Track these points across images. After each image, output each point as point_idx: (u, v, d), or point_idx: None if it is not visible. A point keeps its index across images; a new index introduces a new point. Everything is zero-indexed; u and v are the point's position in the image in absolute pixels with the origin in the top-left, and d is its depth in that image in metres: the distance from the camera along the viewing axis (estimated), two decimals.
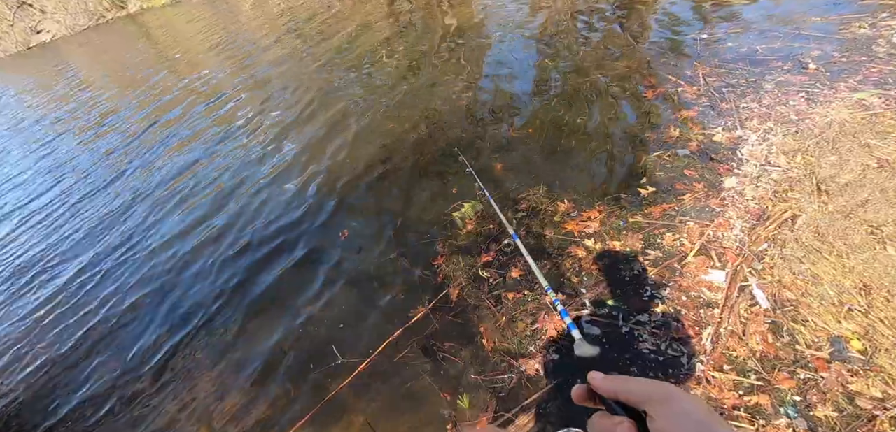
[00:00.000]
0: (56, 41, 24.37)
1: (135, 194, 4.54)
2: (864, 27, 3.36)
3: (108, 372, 2.63)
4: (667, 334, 1.82)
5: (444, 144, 3.60)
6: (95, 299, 3.25)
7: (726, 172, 2.44)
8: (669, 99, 3.25)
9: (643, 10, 5.11)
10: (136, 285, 3.24)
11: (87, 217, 4.44)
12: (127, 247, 3.72)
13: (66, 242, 4.12)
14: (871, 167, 2.18)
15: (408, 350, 2.13)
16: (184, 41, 12.72)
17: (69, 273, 3.66)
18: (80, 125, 7.61)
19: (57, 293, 3.47)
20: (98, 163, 5.69)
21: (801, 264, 1.88)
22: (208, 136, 5.34)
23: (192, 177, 4.48)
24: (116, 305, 3.11)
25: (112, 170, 5.31)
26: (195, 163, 4.76)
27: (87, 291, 3.37)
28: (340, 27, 8.25)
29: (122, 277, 3.37)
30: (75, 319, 3.12)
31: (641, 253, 2.17)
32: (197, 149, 5.09)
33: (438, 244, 2.64)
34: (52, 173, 5.91)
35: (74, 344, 2.91)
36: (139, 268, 3.40)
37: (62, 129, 7.71)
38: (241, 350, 2.46)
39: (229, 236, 3.39)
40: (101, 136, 6.66)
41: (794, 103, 2.78)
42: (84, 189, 5.09)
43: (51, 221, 4.62)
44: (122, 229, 4.00)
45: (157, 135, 5.95)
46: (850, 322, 1.66)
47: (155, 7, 25.35)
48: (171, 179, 4.59)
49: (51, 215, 4.75)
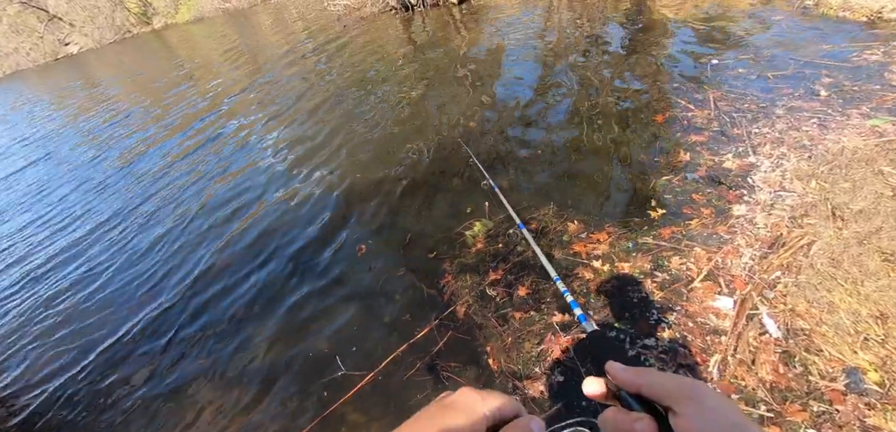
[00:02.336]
0: (83, 53, 25.39)
1: (147, 207, 4.66)
2: (875, 54, 3.35)
3: (107, 382, 2.65)
4: (673, 360, 1.79)
5: (455, 162, 3.63)
6: (95, 306, 3.31)
7: (736, 199, 2.42)
8: (680, 123, 3.26)
9: (653, 35, 5.15)
10: (141, 296, 3.28)
11: (93, 220, 4.55)
12: (132, 255, 3.80)
13: (66, 251, 4.23)
14: (885, 195, 2.14)
15: (412, 367, 2.12)
16: (202, 54, 13.16)
17: (68, 280, 3.75)
18: (93, 133, 7.86)
19: (57, 299, 3.55)
20: (121, 177, 5.86)
21: (816, 291, 1.84)
22: (221, 149, 5.47)
23: (204, 191, 4.58)
24: (118, 315, 3.16)
25: (133, 180, 5.46)
26: (206, 177, 4.87)
27: (89, 299, 3.43)
28: (355, 46, 8.47)
29: (126, 287, 3.43)
30: (74, 328, 3.17)
31: (649, 275, 2.15)
32: (209, 162, 5.21)
33: (447, 262, 2.65)
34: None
35: (77, 354, 2.94)
36: (147, 279, 3.46)
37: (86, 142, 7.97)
38: (243, 360, 2.48)
39: (240, 248, 3.44)
40: (115, 146, 6.87)
41: (806, 129, 2.77)
42: (98, 197, 5.24)
43: (59, 226, 4.75)
44: (129, 240, 4.09)
45: (172, 148, 6.11)
46: (867, 352, 1.61)
47: (178, 23, 26.32)
48: (184, 193, 4.70)
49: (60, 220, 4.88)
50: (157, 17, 27.52)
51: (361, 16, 11.13)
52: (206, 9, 25.44)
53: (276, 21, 15.59)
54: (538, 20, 7.08)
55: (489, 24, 7.57)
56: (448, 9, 9.65)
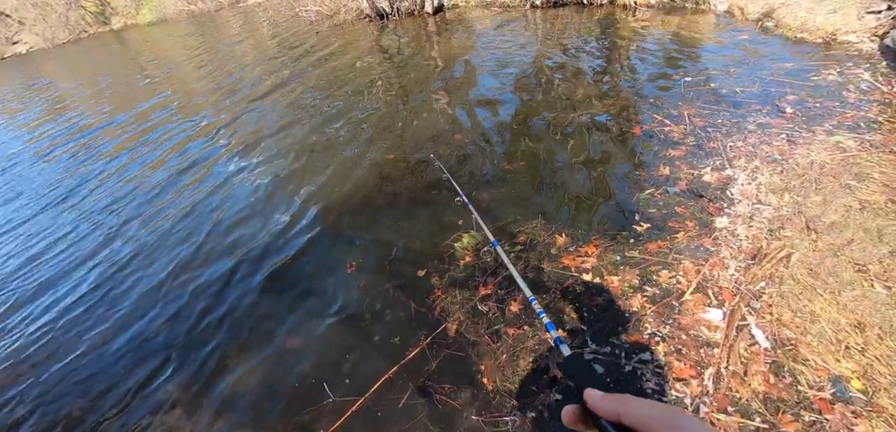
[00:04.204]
0: (33, 53, 23.71)
1: (123, 224, 4.34)
2: (832, 74, 3.58)
3: (82, 413, 2.41)
4: (669, 374, 1.80)
5: (436, 176, 3.59)
6: (70, 331, 3.02)
7: (717, 211, 2.50)
8: (657, 138, 3.35)
9: (626, 51, 5.33)
10: (117, 319, 3.01)
11: (68, 244, 4.19)
12: (106, 274, 3.51)
13: (37, 273, 3.87)
14: (853, 207, 2.27)
15: (404, 390, 2.04)
16: (164, 57, 12.55)
17: (41, 307, 3.41)
18: (52, 143, 7.30)
19: (21, 329, 3.22)
20: (75, 184, 5.44)
21: (798, 301, 1.91)
22: (188, 161, 5.19)
23: (176, 206, 4.32)
24: (93, 340, 2.89)
25: (104, 196, 5.08)
26: (175, 192, 4.60)
27: (63, 323, 3.13)
28: (329, 56, 8.31)
29: (102, 310, 3.14)
30: (50, 355, 2.87)
31: (639, 289, 2.18)
32: (179, 178, 4.93)
33: (435, 277, 2.59)
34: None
35: (45, 385, 2.67)
36: (120, 300, 3.18)
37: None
38: (227, 387, 2.31)
39: (216, 267, 3.24)
40: (71, 154, 6.40)
41: (777, 144, 2.91)
42: (62, 213, 4.84)
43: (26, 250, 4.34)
44: (101, 257, 3.79)
45: (134, 157, 5.75)
46: (849, 360, 1.68)
47: (139, 24, 25.08)
48: (154, 209, 4.42)
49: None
50: (116, 18, 26.11)
51: (335, 22, 10.97)
52: (169, 10, 24.36)
53: (245, 25, 15.12)
54: (513, 33, 7.20)
55: (464, 36, 7.63)
56: (423, 19, 9.67)
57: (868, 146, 2.68)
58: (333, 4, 11.43)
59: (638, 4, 6.92)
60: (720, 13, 5.80)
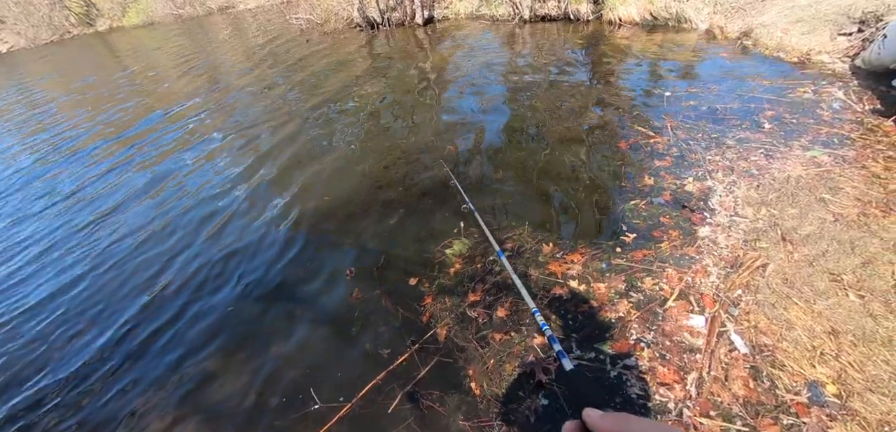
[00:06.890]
0: (13, 52, 23.12)
1: (110, 229, 4.23)
2: (807, 92, 3.74)
3: (60, 421, 2.33)
4: (653, 379, 1.83)
5: (428, 183, 3.61)
6: (48, 339, 2.92)
7: (700, 221, 2.58)
8: (642, 149, 3.44)
9: (611, 65, 5.48)
10: (99, 327, 2.93)
11: (40, 250, 4.07)
12: (85, 283, 3.42)
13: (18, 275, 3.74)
14: (827, 220, 2.36)
15: (392, 396, 2.03)
16: (148, 61, 12.38)
17: (18, 310, 3.30)
18: (33, 144, 7.11)
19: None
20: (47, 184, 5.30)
21: (774, 309, 1.97)
22: (175, 168, 5.12)
23: (162, 214, 4.25)
24: (74, 349, 2.79)
25: (78, 200, 4.95)
26: (163, 199, 4.52)
27: (40, 330, 3.02)
28: (318, 64, 8.32)
29: (83, 319, 3.05)
30: (32, 360, 2.77)
31: (625, 295, 2.22)
32: (167, 185, 4.85)
33: (425, 283, 2.59)
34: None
35: (30, 392, 2.57)
36: (101, 308, 3.10)
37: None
38: (212, 394, 2.26)
39: (200, 273, 3.18)
40: (51, 157, 6.25)
41: (754, 158, 3.01)
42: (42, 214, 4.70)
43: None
44: (82, 259, 3.69)
45: (115, 161, 5.64)
46: (824, 366, 1.73)
47: (126, 27, 24.71)
48: (139, 213, 4.33)
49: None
50: (101, 19, 25.68)
51: (325, 31, 11.00)
52: (157, 14, 24.05)
53: (234, 32, 15.04)
54: (501, 45, 7.33)
55: (453, 47, 7.73)
56: (413, 29, 9.77)
57: (841, 161, 2.79)
58: (324, 13, 11.48)
59: (622, 22, 7.12)
60: (701, 32, 6.01)
